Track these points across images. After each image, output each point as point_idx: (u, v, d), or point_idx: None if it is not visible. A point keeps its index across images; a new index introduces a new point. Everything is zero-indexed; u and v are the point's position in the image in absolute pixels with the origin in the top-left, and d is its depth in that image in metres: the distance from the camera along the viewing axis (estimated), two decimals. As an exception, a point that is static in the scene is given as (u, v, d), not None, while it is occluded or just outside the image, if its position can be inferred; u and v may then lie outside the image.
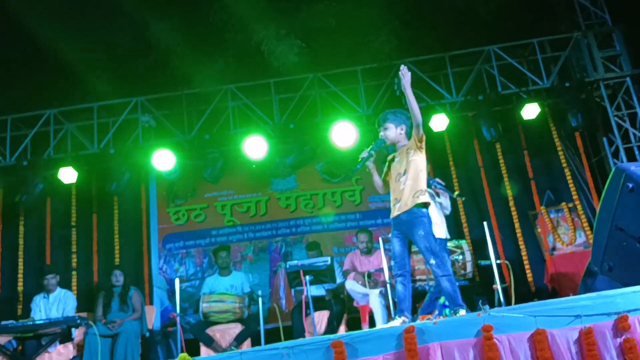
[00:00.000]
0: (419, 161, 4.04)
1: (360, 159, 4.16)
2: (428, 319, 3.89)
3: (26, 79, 7.29)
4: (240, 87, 7.39)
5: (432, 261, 3.88)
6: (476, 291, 6.25)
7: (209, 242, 7.66)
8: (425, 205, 3.99)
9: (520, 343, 3.16)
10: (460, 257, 5.67)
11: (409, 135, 4.14)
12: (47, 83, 7.35)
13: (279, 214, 7.70)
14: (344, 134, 6.99)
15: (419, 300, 5.86)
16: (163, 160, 7.13)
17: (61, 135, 7.37)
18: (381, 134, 4.23)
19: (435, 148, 7.65)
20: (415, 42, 7.23)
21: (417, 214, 3.95)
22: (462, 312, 3.71)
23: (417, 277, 5.55)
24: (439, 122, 7.07)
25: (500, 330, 3.21)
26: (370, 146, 4.17)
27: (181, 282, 6.82)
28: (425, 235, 3.91)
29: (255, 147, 7.09)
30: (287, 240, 7.61)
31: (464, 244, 5.80)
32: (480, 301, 3.84)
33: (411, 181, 4.01)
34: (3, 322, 6.15)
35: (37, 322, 5.93)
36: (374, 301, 5.85)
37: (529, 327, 3.21)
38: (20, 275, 7.41)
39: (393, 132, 4.18)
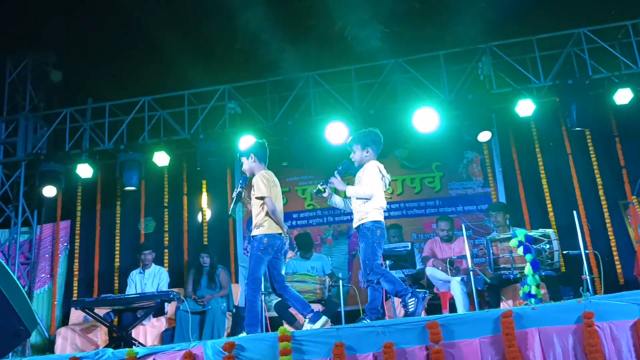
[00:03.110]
0: None
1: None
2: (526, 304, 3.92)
3: (123, 68, 7.75)
4: (321, 74, 7.50)
5: None
6: (563, 281, 6.08)
7: (290, 225, 7.86)
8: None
9: (622, 331, 3.09)
10: (547, 246, 5.51)
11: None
12: (142, 72, 7.77)
13: (359, 199, 7.77)
14: (426, 119, 6.95)
15: (505, 286, 5.79)
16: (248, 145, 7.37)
17: (155, 121, 7.77)
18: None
19: (520, 135, 7.46)
20: (501, 25, 7.04)
21: None
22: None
23: (502, 265, 5.47)
24: (525, 107, 6.87)
25: (602, 317, 3.15)
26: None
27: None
28: None
29: (336, 132, 7.19)
30: (366, 225, 7.68)
31: (551, 233, 5.64)
32: (581, 288, 3.75)
33: None
34: (102, 295, 6.63)
35: (133, 296, 6.36)
36: (455, 288, 5.83)
37: (632, 315, 3.13)
38: (117, 252, 7.96)
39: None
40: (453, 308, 5.91)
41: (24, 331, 4.35)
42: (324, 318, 4.23)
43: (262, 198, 4.40)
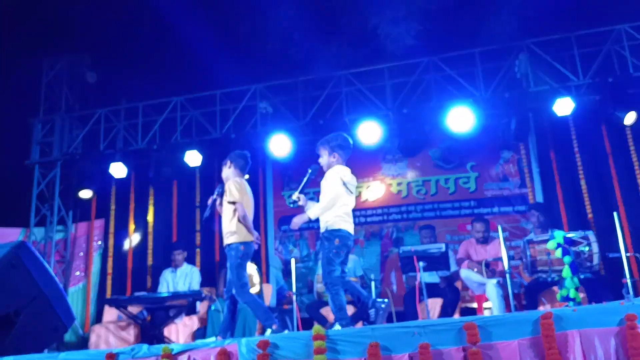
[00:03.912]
0: None
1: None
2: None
3: (156, 69, 7.83)
4: (353, 73, 7.43)
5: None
6: (602, 285, 5.88)
7: (321, 225, 7.82)
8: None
9: (666, 334, 2.96)
10: (587, 248, 5.35)
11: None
12: (174, 72, 7.84)
13: (390, 199, 7.70)
14: (460, 118, 6.83)
15: (543, 289, 5.64)
16: (279, 145, 7.36)
17: (187, 121, 7.82)
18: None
19: (558, 134, 7.28)
20: (538, 22, 6.88)
21: None
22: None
23: (539, 268, 5.32)
24: (564, 106, 6.69)
25: (645, 320, 3.03)
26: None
27: (295, 262, 7.05)
28: None
29: (368, 132, 7.12)
30: (398, 227, 7.60)
31: (591, 234, 5.48)
32: (623, 289, 3.63)
33: None
34: (135, 294, 6.70)
35: (166, 295, 6.40)
36: (491, 291, 5.70)
37: (676, 318, 3.00)
38: (149, 251, 8.04)
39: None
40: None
41: (62, 326, 4.45)
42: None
43: (233, 203, 4.39)
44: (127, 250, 8.12)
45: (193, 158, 7.54)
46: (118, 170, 7.71)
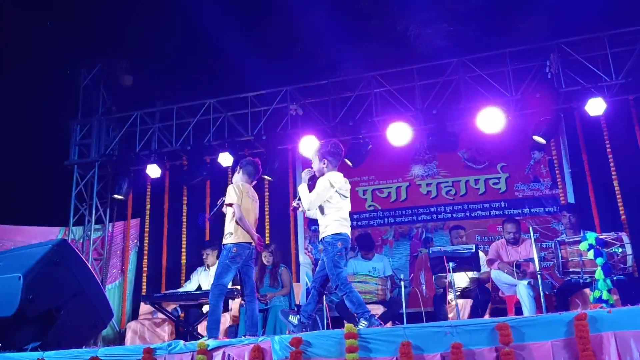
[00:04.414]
0: None
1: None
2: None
3: (190, 72, 8.02)
4: (382, 74, 7.47)
5: None
6: (636, 286, 5.81)
7: (351, 225, 7.82)
8: None
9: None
10: (620, 249, 5.29)
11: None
12: (207, 75, 8.00)
13: (420, 200, 7.72)
14: (491, 119, 6.81)
15: (575, 291, 5.60)
16: (309, 146, 7.44)
17: (219, 122, 7.97)
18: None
19: (590, 134, 7.19)
20: (569, 22, 6.82)
21: None
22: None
23: (571, 269, 5.29)
24: (596, 106, 6.61)
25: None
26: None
27: (325, 262, 7.14)
28: None
29: (397, 133, 7.16)
30: (427, 227, 7.62)
31: (624, 236, 5.42)
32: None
33: None
34: (170, 291, 6.87)
35: (198, 292, 6.54)
36: (522, 292, 5.68)
37: None
38: (183, 250, 8.22)
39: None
40: (519, 313, 5.76)
41: (101, 322, 4.62)
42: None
43: (231, 205, 4.58)
44: (162, 248, 8.31)
45: (225, 159, 7.68)
46: (153, 171, 7.91)
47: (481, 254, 6.22)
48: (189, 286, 7.07)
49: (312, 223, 8.08)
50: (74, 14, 7.76)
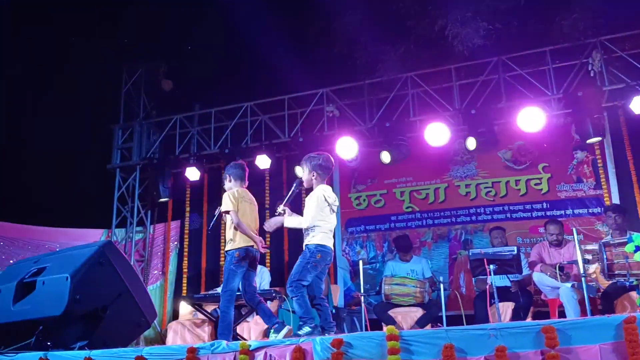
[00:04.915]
0: None
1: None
2: None
3: (227, 76, 8.13)
4: (420, 74, 7.42)
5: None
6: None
7: (389, 227, 7.86)
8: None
9: None
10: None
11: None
12: (244, 79, 8.10)
13: (458, 201, 7.62)
14: (531, 118, 6.68)
15: (620, 294, 5.45)
16: (346, 147, 7.44)
17: (256, 125, 8.05)
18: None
19: (636, 133, 6.97)
20: (612, 17, 6.63)
21: None
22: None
23: (616, 272, 5.14)
24: (642, 104, 6.43)
25: None
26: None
27: (362, 264, 7.13)
28: None
29: (435, 133, 7.09)
30: (467, 229, 7.52)
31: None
32: None
33: None
34: (209, 292, 6.95)
35: (238, 293, 6.59)
36: (566, 295, 5.55)
37: None
38: (222, 252, 8.30)
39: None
40: (562, 316, 5.62)
41: (145, 322, 4.70)
42: (286, 327, 4.42)
43: (227, 212, 4.69)
44: (201, 250, 8.44)
45: (263, 161, 7.75)
46: (192, 173, 8.04)
47: (522, 256, 6.12)
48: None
49: (349, 224, 8.09)
50: (116, 22, 7.96)
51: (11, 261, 7.85)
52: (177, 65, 8.64)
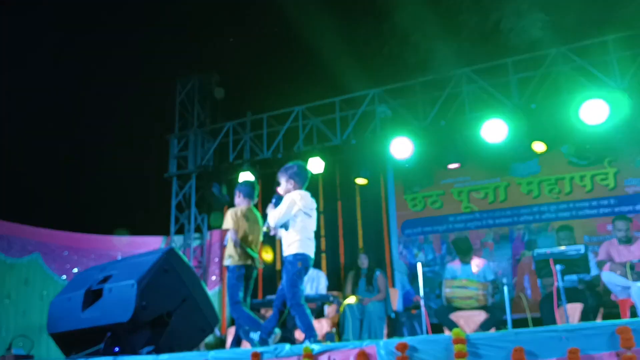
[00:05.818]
0: None
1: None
2: None
3: (277, 81, 8.18)
4: (475, 70, 7.22)
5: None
6: None
7: (447, 228, 7.69)
8: None
9: None
10: None
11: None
12: (294, 82, 8.13)
13: (520, 200, 7.37)
14: (595, 111, 6.39)
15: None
16: (400, 148, 7.32)
17: (308, 129, 8.04)
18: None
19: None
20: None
21: None
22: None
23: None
24: None
25: None
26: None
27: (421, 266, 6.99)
28: None
29: (493, 130, 6.88)
30: (530, 228, 7.25)
31: None
32: None
33: None
34: (267, 297, 6.99)
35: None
36: (638, 294, 5.27)
37: None
38: (277, 257, 8.34)
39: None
40: (634, 317, 5.33)
41: (208, 326, 4.75)
42: (275, 330, 4.43)
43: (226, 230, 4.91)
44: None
45: (316, 165, 7.73)
46: (246, 179, 8.10)
47: (591, 255, 5.85)
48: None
49: (405, 227, 7.96)
50: (168, 32, 8.17)
51: (75, 269, 8.13)
52: (228, 74, 8.77)
